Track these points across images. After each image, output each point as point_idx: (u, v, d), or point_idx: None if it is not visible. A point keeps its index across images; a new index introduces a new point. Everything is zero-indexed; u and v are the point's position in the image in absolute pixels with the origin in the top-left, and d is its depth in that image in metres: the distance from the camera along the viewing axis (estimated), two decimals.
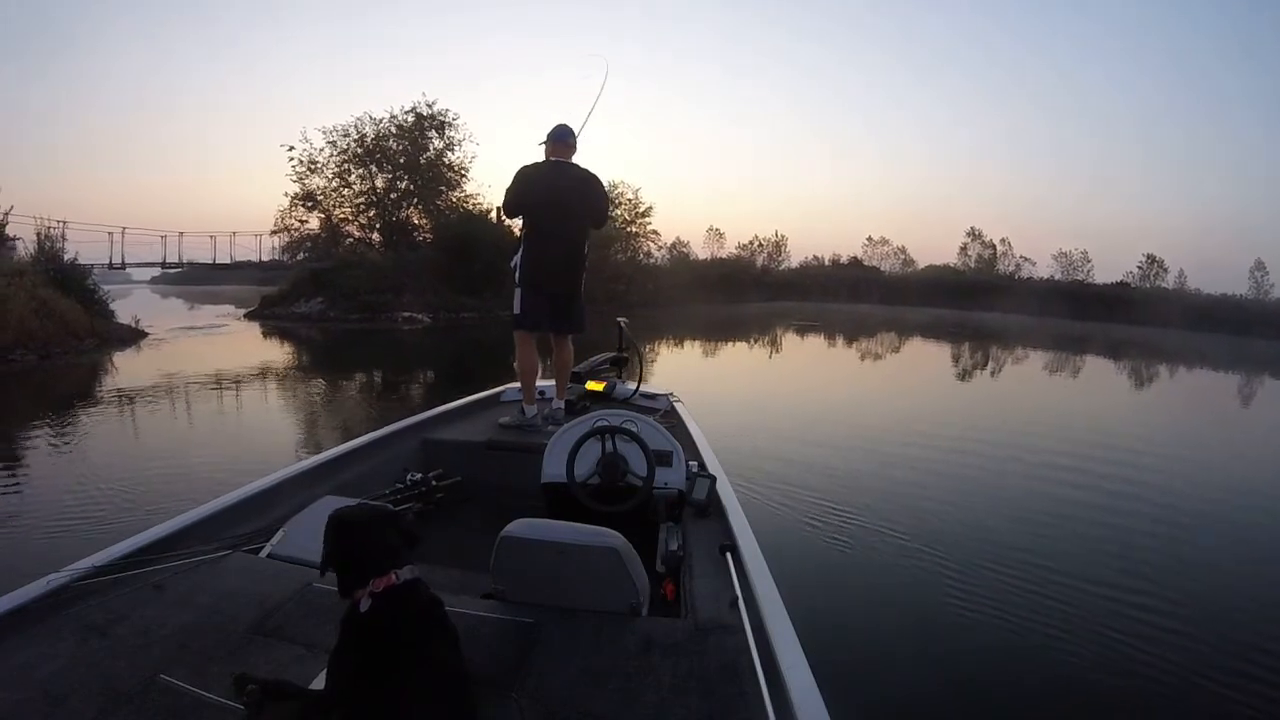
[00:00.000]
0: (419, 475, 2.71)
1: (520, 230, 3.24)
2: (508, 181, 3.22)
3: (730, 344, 17.93)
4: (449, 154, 25.93)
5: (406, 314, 20.27)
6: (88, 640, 1.29)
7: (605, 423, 2.31)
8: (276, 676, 1.19)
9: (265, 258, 23.93)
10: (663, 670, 1.29)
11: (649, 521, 2.09)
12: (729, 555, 1.75)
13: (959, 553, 3.74)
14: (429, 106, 25.32)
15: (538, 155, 3.28)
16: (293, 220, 24.33)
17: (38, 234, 15.11)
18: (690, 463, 2.32)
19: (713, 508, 2.14)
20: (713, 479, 2.21)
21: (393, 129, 24.97)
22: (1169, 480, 5.83)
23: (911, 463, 5.71)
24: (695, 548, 1.88)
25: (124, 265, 19.15)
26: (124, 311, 15.77)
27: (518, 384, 3.87)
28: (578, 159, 3.30)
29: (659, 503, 2.14)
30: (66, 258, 15.23)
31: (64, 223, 15.87)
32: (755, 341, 19.23)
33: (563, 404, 3.38)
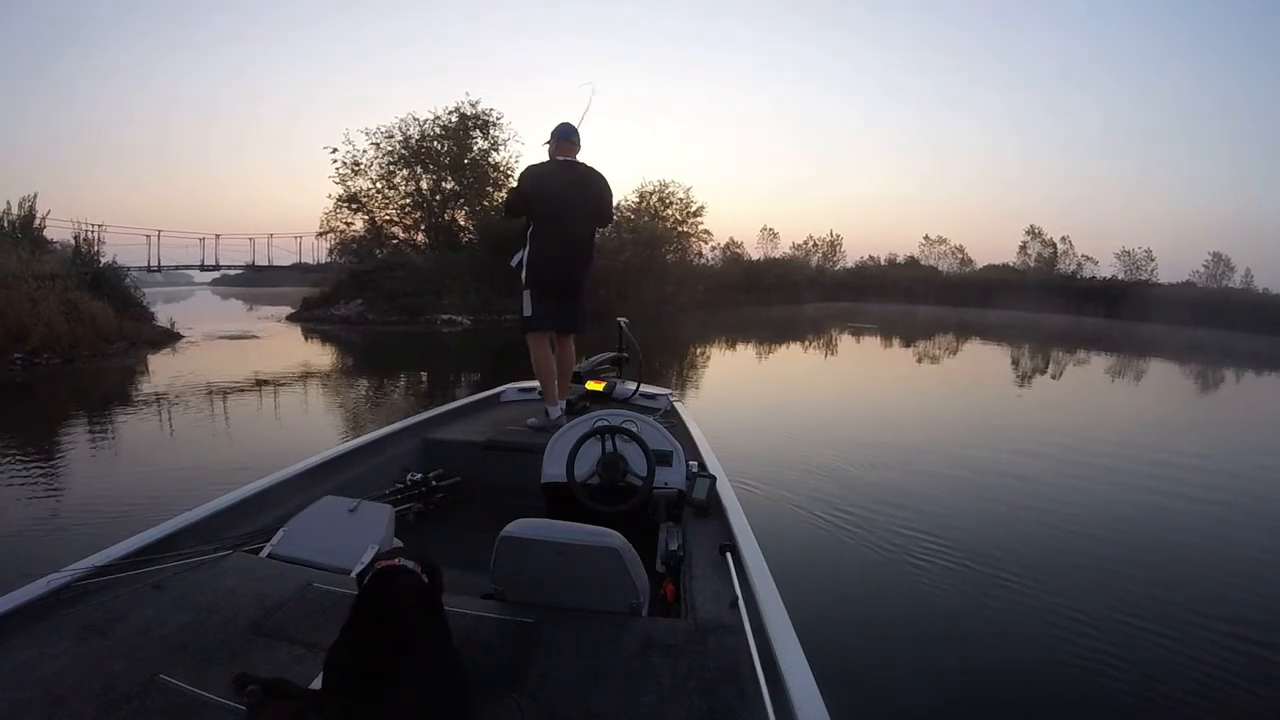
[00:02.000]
0: (419, 475, 2.71)
1: (526, 230, 3.23)
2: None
3: (768, 348, 17.24)
4: (494, 154, 25.59)
5: (446, 316, 20.09)
6: (88, 640, 1.29)
7: (605, 423, 2.31)
8: (277, 676, 1.19)
9: (322, 259, 24.14)
10: (663, 670, 1.29)
11: (649, 521, 2.09)
12: (729, 555, 1.74)
13: (961, 554, 3.74)
14: (473, 106, 25.05)
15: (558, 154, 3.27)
16: (338, 222, 24.38)
17: (75, 237, 15.30)
18: (690, 462, 2.32)
19: (713, 508, 2.14)
20: (713, 479, 2.21)
21: (437, 129, 24.79)
22: (1167, 472, 5.81)
23: (917, 466, 5.69)
24: (695, 548, 1.87)
25: (159, 268, 19.34)
26: (182, 313, 15.76)
27: (518, 384, 3.88)
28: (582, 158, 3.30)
29: (659, 503, 2.14)
30: (105, 260, 15.43)
31: (100, 226, 16.04)
32: (793, 345, 18.33)
33: (563, 404, 3.39)
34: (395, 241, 24.74)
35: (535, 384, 3.37)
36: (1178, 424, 9.44)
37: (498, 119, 25.33)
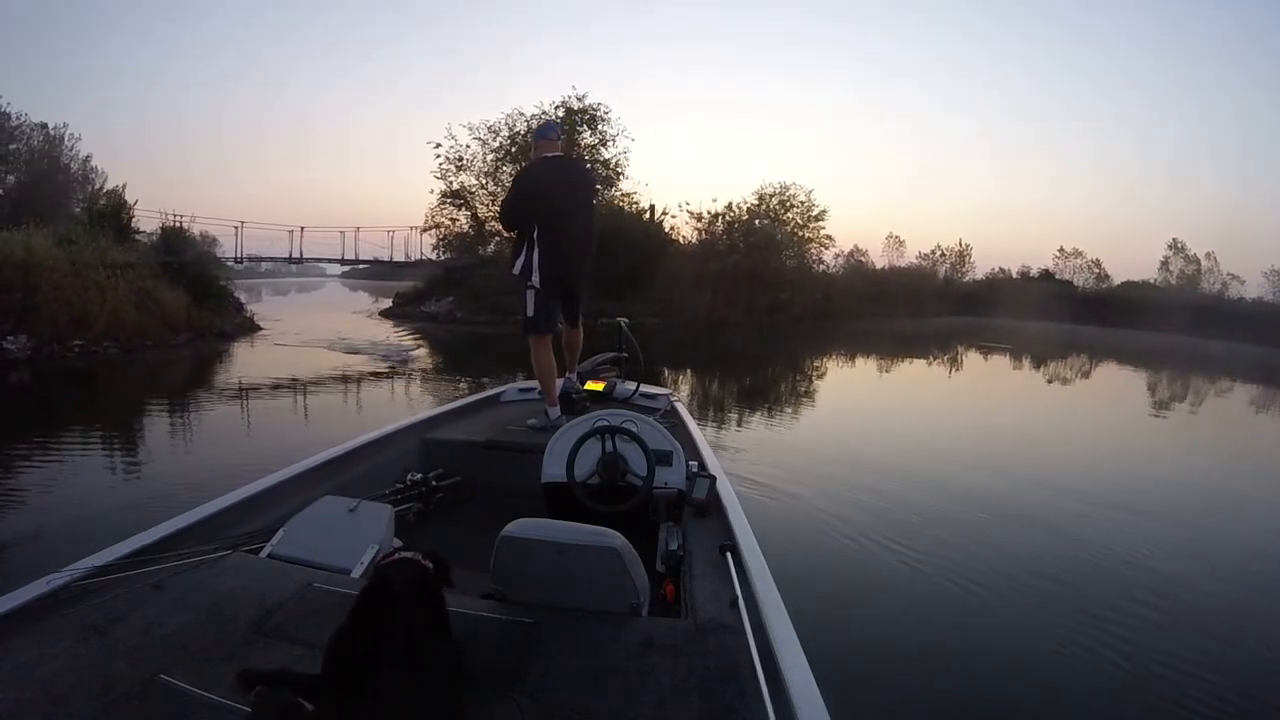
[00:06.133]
0: (419, 475, 2.71)
1: (530, 233, 3.11)
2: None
3: (882, 367, 15.21)
4: (603, 150, 24.30)
5: None
6: (88, 640, 1.29)
7: (605, 422, 2.31)
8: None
9: (427, 255, 24.11)
10: (663, 670, 1.29)
11: (649, 521, 2.09)
12: (729, 555, 1.75)
13: (962, 556, 3.74)
14: (579, 100, 24.06)
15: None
16: (443, 218, 23.91)
17: (162, 227, 15.82)
18: (690, 463, 2.32)
19: (713, 508, 2.14)
20: (712, 479, 2.21)
21: None
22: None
23: (920, 468, 5.67)
24: (695, 548, 1.88)
25: (242, 260, 19.77)
26: (299, 303, 15.29)
27: (518, 384, 3.88)
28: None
29: (659, 503, 2.14)
30: (194, 251, 15.92)
31: (185, 216, 16.53)
32: (910, 364, 15.94)
33: (575, 376, 3.42)
34: (499, 238, 23.81)
35: (535, 384, 3.37)
36: None
37: (605, 114, 24.26)
